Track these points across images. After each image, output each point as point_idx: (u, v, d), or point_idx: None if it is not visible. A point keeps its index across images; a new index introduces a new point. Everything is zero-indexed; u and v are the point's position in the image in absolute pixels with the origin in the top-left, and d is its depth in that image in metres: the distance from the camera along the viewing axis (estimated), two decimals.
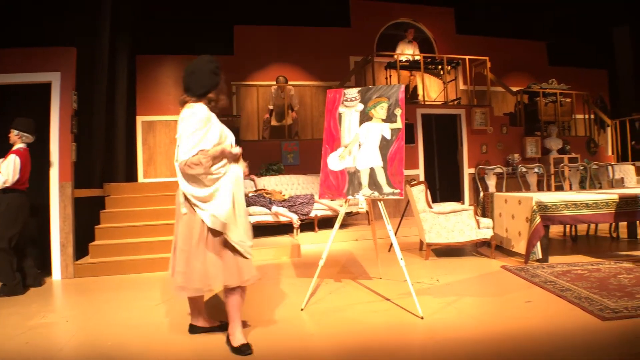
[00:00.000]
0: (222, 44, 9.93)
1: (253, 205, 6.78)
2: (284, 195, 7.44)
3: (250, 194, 7.06)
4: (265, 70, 10.18)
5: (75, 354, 2.94)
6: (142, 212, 6.22)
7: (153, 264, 5.34)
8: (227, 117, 8.87)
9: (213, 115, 2.89)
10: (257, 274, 2.96)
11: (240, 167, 2.98)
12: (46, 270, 5.29)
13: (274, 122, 9.47)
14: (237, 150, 2.93)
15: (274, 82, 9.48)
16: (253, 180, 7.75)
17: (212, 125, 2.82)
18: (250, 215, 6.63)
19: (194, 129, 2.74)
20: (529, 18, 12.01)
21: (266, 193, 7.20)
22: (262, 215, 6.77)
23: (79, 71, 5.54)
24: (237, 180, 2.91)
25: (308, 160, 8.61)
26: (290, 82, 9.66)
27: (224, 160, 2.86)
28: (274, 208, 6.83)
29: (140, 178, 9.24)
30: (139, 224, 6.01)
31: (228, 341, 2.89)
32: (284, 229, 7.11)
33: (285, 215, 6.80)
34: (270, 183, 7.83)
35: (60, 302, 4.35)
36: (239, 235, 2.86)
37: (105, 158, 6.73)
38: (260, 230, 6.94)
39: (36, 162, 5.01)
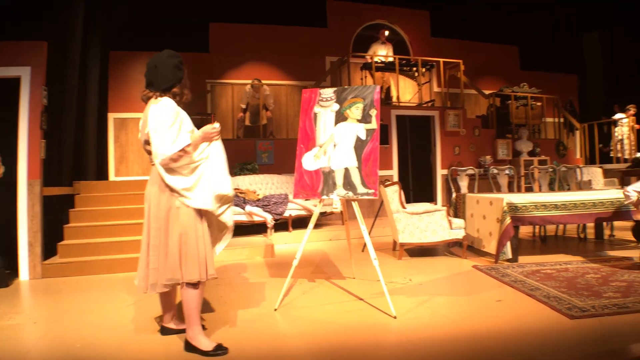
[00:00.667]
0: (197, 41, 9.83)
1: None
2: (258, 194, 7.40)
3: None
4: (240, 68, 10.13)
5: (43, 357, 2.86)
6: (113, 211, 6.10)
7: (124, 264, 5.24)
8: (201, 115, 8.80)
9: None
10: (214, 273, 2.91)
11: (219, 142, 2.98)
12: (13, 270, 5.14)
13: (247, 122, 9.42)
14: (218, 126, 2.92)
15: (249, 81, 9.43)
16: None
17: (184, 117, 2.81)
18: (238, 214, 6.59)
19: (170, 123, 2.70)
20: (502, 22, 12.24)
21: (240, 192, 7.16)
22: (235, 214, 6.71)
23: (49, 66, 5.39)
24: (223, 155, 2.96)
25: (283, 159, 8.59)
26: (265, 81, 9.63)
27: (204, 145, 2.86)
28: (248, 208, 6.79)
29: (112, 176, 9.08)
30: (110, 223, 5.90)
31: (190, 347, 2.81)
32: (258, 228, 7.07)
33: (259, 215, 6.77)
34: (244, 182, 7.78)
35: (28, 303, 4.23)
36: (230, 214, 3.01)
37: (76, 155, 6.57)
38: (234, 229, 6.87)
39: (4, 159, 4.88)
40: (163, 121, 2.70)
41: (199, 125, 2.95)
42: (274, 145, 8.81)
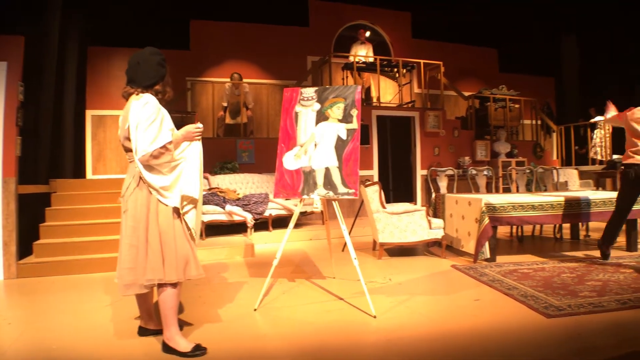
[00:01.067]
0: (178, 38, 9.74)
1: (206, 204, 6.67)
2: (238, 194, 7.36)
3: (203, 193, 6.94)
4: (221, 66, 10.06)
5: (19, 359, 2.80)
6: (90, 210, 6.00)
7: (102, 264, 5.16)
8: (181, 113, 8.72)
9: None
10: (203, 272, 2.90)
11: (199, 143, 2.97)
12: None
13: (228, 120, 9.36)
14: (201, 126, 2.94)
15: (230, 79, 9.37)
16: (207, 178, 7.63)
17: (165, 114, 2.80)
18: (203, 214, 6.53)
19: (152, 120, 2.68)
20: (482, 25, 12.39)
21: (220, 192, 7.11)
22: (215, 214, 6.67)
23: (26, 61, 5.26)
24: (200, 157, 2.95)
25: (263, 159, 8.56)
26: (246, 80, 9.58)
27: (185, 144, 2.87)
28: (228, 207, 6.75)
29: (89, 174, 8.93)
30: (87, 222, 5.80)
31: (168, 348, 2.77)
32: (238, 228, 7.04)
33: (239, 214, 6.73)
34: (224, 182, 7.73)
35: (2, 304, 4.14)
36: (197, 221, 2.95)
37: (52, 153, 6.44)
38: (214, 229, 6.84)
39: None
40: (144, 118, 2.67)
41: (178, 123, 2.92)
42: (255, 145, 8.77)
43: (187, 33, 9.95)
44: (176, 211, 2.81)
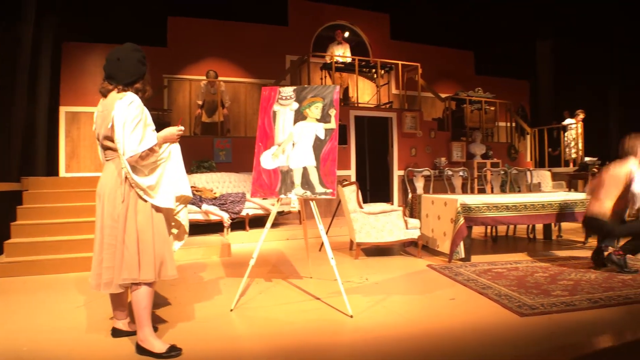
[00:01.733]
0: (155, 34, 9.60)
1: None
2: (214, 193, 7.30)
3: None
4: (199, 64, 9.96)
5: None
6: (63, 209, 5.87)
7: (75, 264, 5.05)
8: (158, 111, 8.61)
9: None
10: (177, 273, 2.88)
11: (177, 144, 3.00)
12: None
13: (204, 118, 9.27)
14: (183, 128, 2.93)
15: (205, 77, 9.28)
16: None
17: (147, 114, 2.77)
18: (193, 213, 6.47)
19: (138, 120, 2.67)
20: (459, 28, 12.56)
21: (196, 191, 7.04)
22: (191, 213, 6.59)
23: None
24: (181, 156, 2.98)
25: (241, 158, 8.50)
26: (224, 78, 9.52)
27: (165, 145, 2.87)
28: (204, 206, 6.69)
29: (62, 172, 8.74)
30: (60, 221, 5.67)
31: (142, 350, 2.72)
32: (214, 227, 6.98)
33: (216, 213, 6.68)
34: (200, 180, 7.65)
35: None
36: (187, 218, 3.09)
37: (24, 150, 6.29)
38: (190, 228, 6.73)
39: None
40: (131, 118, 2.64)
41: (154, 121, 2.89)
42: (232, 144, 8.71)
43: (165, 29, 9.83)
44: (157, 210, 2.79)
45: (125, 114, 2.64)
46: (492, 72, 13.06)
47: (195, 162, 8.11)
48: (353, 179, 9.32)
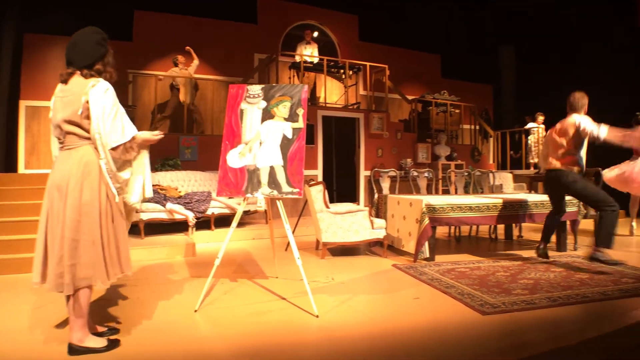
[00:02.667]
0: (120, 28, 9.36)
1: (146, 201, 6.46)
2: (179, 191, 7.18)
3: None
4: (165, 60, 9.76)
5: None
6: (22, 206, 5.65)
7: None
8: (123, 107, 8.40)
9: None
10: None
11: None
12: None
13: (167, 112, 9.10)
14: (161, 136, 2.96)
15: (174, 74, 9.13)
16: None
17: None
18: (142, 212, 6.33)
19: (116, 109, 2.66)
20: (426, 31, 12.74)
21: (161, 189, 6.90)
22: (155, 212, 6.47)
23: None
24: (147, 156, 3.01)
25: (207, 156, 8.39)
26: (197, 75, 9.40)
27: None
28: (169, 205, 6.57)
29: (21, 168, 8.43)
30: (19, 219, 5.45)
31: (78, 350, 2.62)
32: (179, 227, 6.86)
33: (181, 212, 6.57)
34: (165, 179, 7.52)
35: None
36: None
37: None
38: (153, 228, 6.64)
39: None
40: (110, 106, 2.61)
41: None
42: (198, 141, 8.58)
43: (131, 23, 9.60)
44: (126, 206, 2.82)
45: (102, 102, 2.59)
46: (458, 75, 13.31)
47: (159, 160, 7.95)
48: (320, 178, 9.33)
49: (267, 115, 3.95)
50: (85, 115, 2.62)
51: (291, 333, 3.09)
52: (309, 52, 10.39)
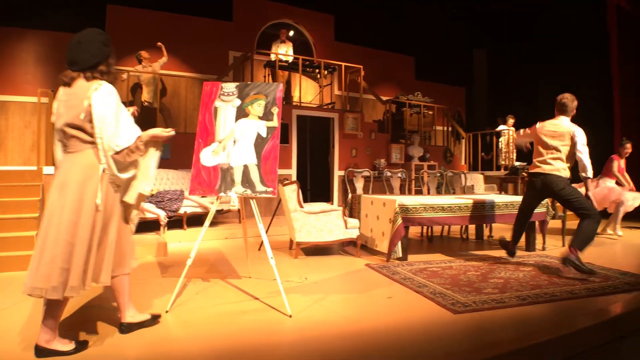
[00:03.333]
0: (92, 22, 9.09)
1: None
2: (151, 190, 7.06)
3: None
4: (138, 53, 9.58)
5: None
6: None
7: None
8: None
9: None
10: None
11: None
12: None
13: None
14: (172, 132, 2.98)
15: (148, 70, 8.97)
16: None
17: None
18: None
19: (120, 112, 2.64)
20: (401, 33, 12.85)
21: None
22: None
23: None
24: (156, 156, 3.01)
25: (180, 154, 8.26)
26: (165, 72, 9.24)
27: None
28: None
29: None
30: None
31: (45, 352, 2.55)
32: (150, 225, 6.74)
33: (152, 211, 6.46)
34: None
35: None
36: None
37: None
38: None
39: None
40: (113, 110, 2.60)
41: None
42: (171, 139, 8.43)
43: (103, 18, 9.39)
44: (125, 206, 2.87)
45: (105, 106, 2.57)
46: (431, 77, 13.46)
47: None
48: (294, 178, 9.31)
49: (241, 113, 3.92)
50: (88, 119, 2.58)
51: (264, 333, 3.07)
52: (283, 51, 10.37)
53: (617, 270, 4.84)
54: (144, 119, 8.42)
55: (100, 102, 2.58)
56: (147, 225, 6.74)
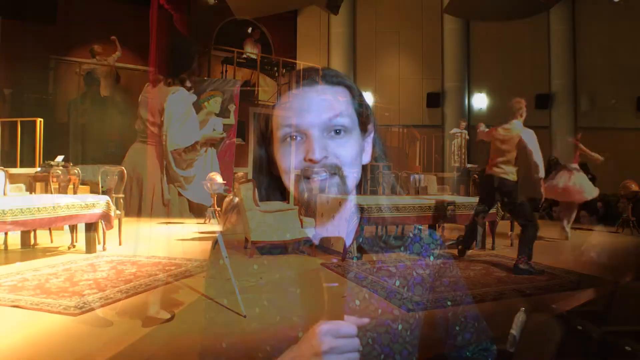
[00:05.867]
0: (43, 10, 8.72)
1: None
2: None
3: None
4: (92, 46, 9.22)
5: None
6: None
7: None
8: (41, 95, 7.89)
9: None
10: None
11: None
12: None
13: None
14: (223, 135, 2.90)
15: (103, 62, 8.67)
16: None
17: (193, 109, 2.66)
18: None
19: (186, 116, 2.59)
20: None
21: (82, 183, 6.55)
22: None
23: None
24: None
25: None
26: (121, 64, 8.97)
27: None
28: None
29: None
30: None
31: None
32: None
33: None
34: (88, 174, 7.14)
35: None
36: None
37: None
38: None
39: None
40: (180, 114, 2.57)
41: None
42: (122, 135, 8.20)
43: (55, 5, 8.97)
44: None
45: (175, 109, 2.55)
46: None
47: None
48: (250, 176, 9.23)
49: (197, 109, 3.87)
50: (162, 118, 2.55)
51: (217, 334, 3.03)
52: (256, 52, 10.33)
53: (562, 269, 5.04)
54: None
55: (172, 105, 2.67)
56: None
